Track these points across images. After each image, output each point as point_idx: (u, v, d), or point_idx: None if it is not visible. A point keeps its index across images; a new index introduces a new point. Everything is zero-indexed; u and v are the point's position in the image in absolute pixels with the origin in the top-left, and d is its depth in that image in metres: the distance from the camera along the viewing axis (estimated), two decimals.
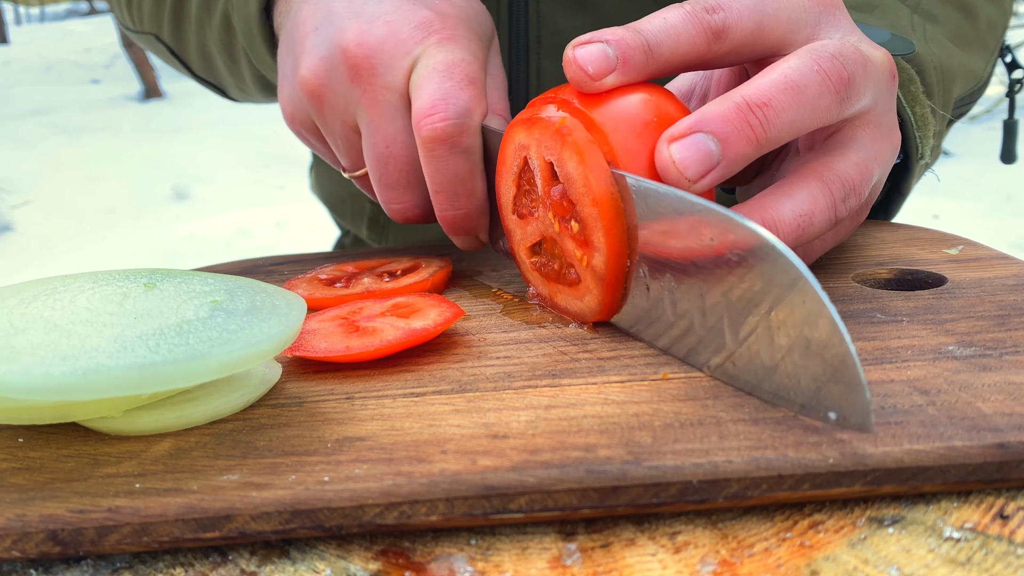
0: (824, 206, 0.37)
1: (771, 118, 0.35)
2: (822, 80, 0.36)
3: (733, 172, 0.35)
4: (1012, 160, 0.70)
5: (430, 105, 0.43)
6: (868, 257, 0.48)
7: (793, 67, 0.36)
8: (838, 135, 0.39)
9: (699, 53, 0.38)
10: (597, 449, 0.29)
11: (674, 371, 0.35)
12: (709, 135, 0.34)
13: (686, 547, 0.27)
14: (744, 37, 0.38)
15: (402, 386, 0.35)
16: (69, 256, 3.17)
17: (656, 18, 0.38)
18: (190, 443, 0.31)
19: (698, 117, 0.35)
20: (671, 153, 0.34)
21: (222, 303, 0.34)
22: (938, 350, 0.35)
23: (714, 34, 0.38)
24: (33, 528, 0.27)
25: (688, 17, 0.37)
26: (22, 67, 7.72)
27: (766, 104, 0.35)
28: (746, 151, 0.35)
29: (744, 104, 0.35)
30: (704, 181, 0.35)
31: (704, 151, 0.34)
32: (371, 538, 0.29)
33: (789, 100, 0.35)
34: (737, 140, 0.34)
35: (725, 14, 0.38)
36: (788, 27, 0.39)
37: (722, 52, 0.38)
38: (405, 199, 0.47)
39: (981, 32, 0.59)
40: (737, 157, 0.35)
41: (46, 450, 0.32)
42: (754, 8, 0.38)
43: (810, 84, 0.36)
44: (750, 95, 0.35)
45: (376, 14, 0.45)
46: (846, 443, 0.28)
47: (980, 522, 0.27)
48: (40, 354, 0.29)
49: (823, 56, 0.36)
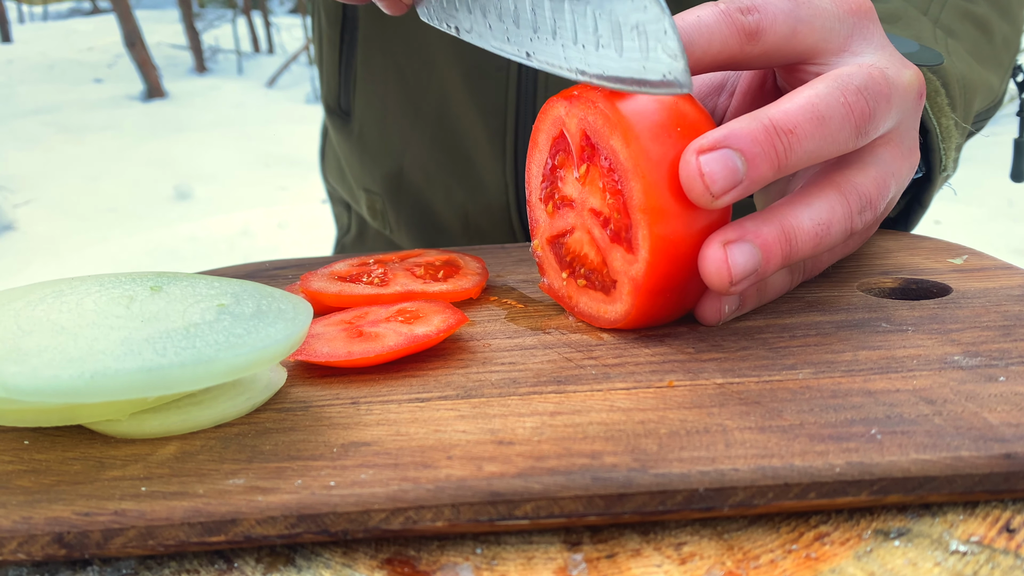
0: (841, 216, 0.37)
1: (794, 145, 0.35)
2: (845, 113, 0.36)
3: (751, 192, 0.35)
4: (1023, 179, 0.70)
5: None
6: (873, 266, 0.48)
7: (820, 95, 0.36)
8: (859, 150, 0.39)
9: (731, 54, 0.38)
10: (603, 456, 0.29)
11: (679, 379, 0.35)
12: (737, 152, 0.34)
13: (692, 558, 0.27)
14: (777, 41, 0.38)
15: (407, 391, 0.35)
16: (71, 255, 3.17)
17: (690, 15, 0.37)
18: (196, 447, 0.31)
19: (727, 132, 0.34)
20: (699, 164, 0.34)
21: (228, 307, 0.34)
22: (944, 360, 0.35)
23: (748, 35, 0.37)
24: (39, 530, 0.27)
25: (722, 17, 0.37)
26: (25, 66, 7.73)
27: (791, 131, 0.35)
28: (767, 174, 0.35)
29: (772, 127, 0.35)
30: (726, 197, 0.34)
31: (731, 167, 0.34)
32: (376, 546, 0.29)
33: (813, 130, 0.35)
34: (761, 162, 0.34)
35: (760, 16, 0.37)
36: (821, 35, 0.39)
37: (754, 54, 0.38)
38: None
39: (997, 49, 0.59)
40: (759, 178, 0.35)
41: (52, 452, 0.32)
42: (789, 13, 0.38)
43: (833, 116, 0.36)
44: (778, 119, 0.35)
45: None
46: (853, 452, 0.28)
47: (986, 535, 0.27)
48: (47, 357, 0.29)
49: (849, 88, 0.36)
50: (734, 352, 0.37)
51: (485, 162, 0.72)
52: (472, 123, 0.71)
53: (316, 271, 0.48)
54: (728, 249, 0.35)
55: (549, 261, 0.44)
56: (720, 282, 0.35)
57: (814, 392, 0.33)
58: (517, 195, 0.71)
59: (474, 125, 0.71)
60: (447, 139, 0.72)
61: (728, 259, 0.35)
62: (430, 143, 0.73)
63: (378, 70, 0.75)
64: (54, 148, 4.69)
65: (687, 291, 0.39)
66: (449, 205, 0.75)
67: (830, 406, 0.31)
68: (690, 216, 0.36)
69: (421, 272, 0.47)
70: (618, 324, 0.39)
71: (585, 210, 0.40)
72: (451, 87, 0.71)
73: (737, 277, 0.35)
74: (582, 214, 0.40)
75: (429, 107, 0.72)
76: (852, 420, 0.30)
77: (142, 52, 6.06)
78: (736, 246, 0.35)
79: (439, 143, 0.73)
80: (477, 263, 0.50)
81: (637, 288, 0.37)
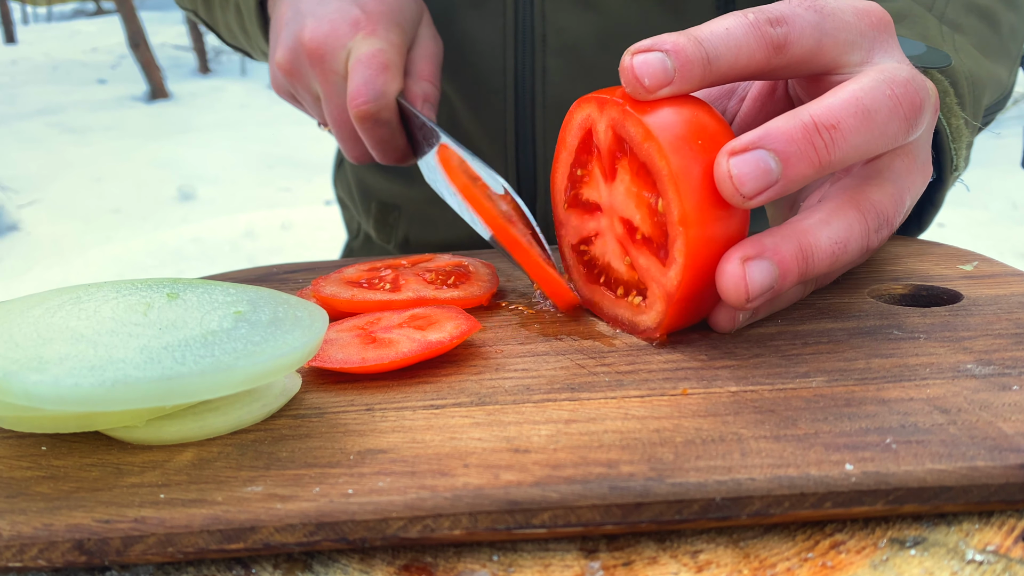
0: (859, 235, 0.37)
1: (837, 141, 0.34)
2: (893, 105, 0.35)
3: (790, 191, 0.35)
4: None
5: (354, 91, 0.56)
6: (883, 272, 0.48)
7: (865, 89, 0.35)
8: (875, 163, 0.39)
9: (757, 66, 0.37)
10: (619, 465, 0.29)
11: (693, 386, 0.35)
12: (771, 152, 0.34)
13: (708, 566, 0.27)
14: (803, 54, 0.38)
15: (421, 398, 0.35)
16: (75, 256, 3.17)
17: (718, 26, 0.37)
18: (212, 453, 0.32)
19: (762, 133, 0.34)
20: (729, 167, 0.34)
21: (245, 314, 0.34)
22: (957, 368, 0.35)
23: (775, 48, 0.37)
24: (59, 537, 0.28)
25: (751, 29, 0.37)
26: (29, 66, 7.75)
27: (834, 127, 0.34)
28: (807, 172, 0.34)
29: (812, 124, 0.34)
30: (760, 198, 0.34)
31: (763, 168, 0.34)
32: (393, 552, 0.29)
33: (859, 124, 0.35)
34: (799, 161, 0.34)
35: (788, 28, 0.37)
36: (844, 48, 0.38)
37: (779, 66, 0.38)
38: (356, 149, 0.62)
39: (1004, 40, 0.59)
40: (797, 178, 0.34)
41: (69, 459, 0.32)
42: (816, 26, 0.37)
43: (881, 109, 0.35)
44: (819, 115, 0.34)
45: (324, 14, 0.58)
46: (868, 461, 0.28)
47: (1002, 544, 0.27)
48: (68, 365, 0.29)
49: (896, 81, 0.36)
50: (747, 360, 0.37)
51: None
52: (476, 135, 0.73)
53: (328, 276, 0.48)
54: (747, 266, 0.35)
55: (574, 265, 0.44)
56: (737, 298, 0.35)
57: (828, 401, 0.33)
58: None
59: (479, 138, 0.73)
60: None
61: (746, 276, 0.35)
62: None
63: None
64: (58, 149, 4.69)
65: (707, 298, 0.39)
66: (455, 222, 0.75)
67: (844, 415, 0.32)
68: (717, 226, 0.36)
69: (432, 278, 0.48)
70: (650, 334, 0.40)
71: (615, 217, 0.40)
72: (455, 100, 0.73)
73: (754, 294, 0.35)
74: (611, 220, 0.41)
75: (440, 119, 0.74)
76: (867, 429, 0.30)
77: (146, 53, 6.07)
78: (755, 263, 0.35)
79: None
80: (487, 269, 0.50)
81: (670, 297, 0.38)
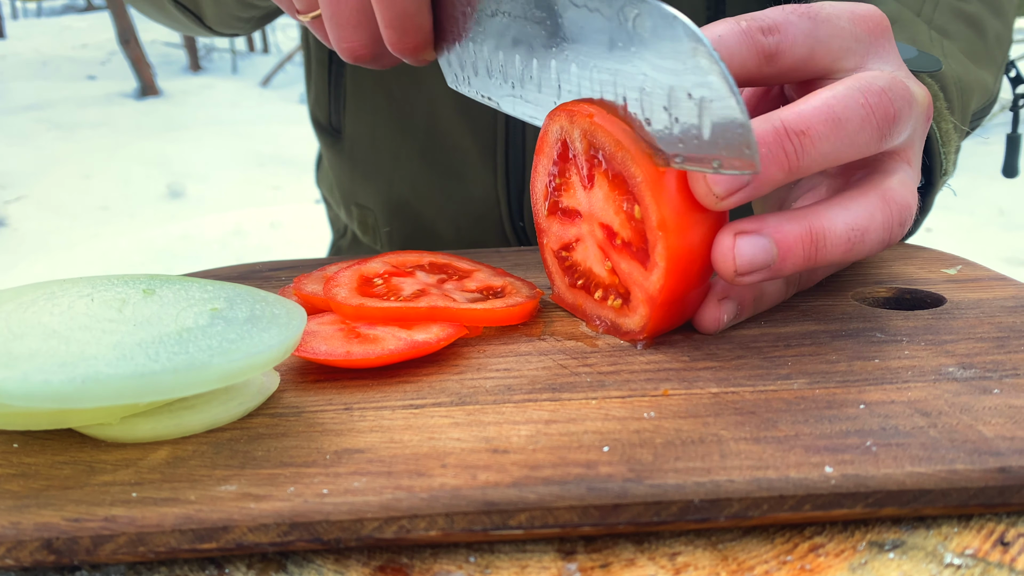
0: (880, 224, 0.36)
1: (807, 147, 0.34)
2: (865, 115, 0.35)
3: (761, 195, 0.35)
4: (1015, 174, 0.70)
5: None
6: (867, 275, 0.48)
7: (838, 97, 0.35)
8: (883, 163, 0.39)
9: (748, 74, 0.37)
10: (598, 466, 0.29)
11: (674, 387, 0.35)
12: None
13: (686, 568, 0.27)
14: (795, 62, 0.37)
15: (401, 397, 0.35)
16: (62, 253, 3.15)
17: (709, 34, 0.37)
18: (187, 452, 0.31)
19: None
20: None
21: (222, 311, 0.34)
22: (938, 371, 0.35)
23: (767, 57, 0.37)
24: (28, 536, 0.27)
25: (742, 37, 0.37)
26: (18, 62, 7.70)
27: (804, 133, 0.34)
28: (777, 176, 0.34)
29: (782, 129, 0.34)
30: (732, 199, 0.34)
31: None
32: (369, 554, 0.29)
33: (828, 131, 0.35)
34: (770, 164, 0.34)
35: (780, 37, 0.37)
36: (837, 55, 0.38)
37: (771, 73, 0.38)
38: (355, 38, 0.46)
39: (990, 47, 0.59)
40: (767, 181, 0.34)
41: (41, 456, 0.31)
42: (809, 34, 0.37)
43: (852, 118, 0.35)
44: (789, 121, 0.34)
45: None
46: (848, 464, 0.28)
47: (981, 548, 0.27)
48: (38, 361, 0.29)
49: (871, 90, 0.36)
50: (729, 361, 0.37)
51: (475, 176, 0.72)
52: (461, 137, 0.71)
53: (311, 274, 0.48)
54: (739, 239, 0.35)
55: (556, 271, 0.44)
56: (726, 270, 0.35)
57: (809, 403, 0.33)
58: (509, 207, 0.71)
59: (463, 139, 0.71)
60: (437, 154, 0.73)
61: (735, 248, 0.35)
62: (419, 158, 0.74)
63: (367, 88, 0.75)
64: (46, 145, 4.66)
65: (690, 300, 0.39)
66: (440, 219, 0.75)
67: (825, 417, 0.31)
68: (698, 228, 0.36)
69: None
70: (634, 336, 0.39)
71: (595, 223, 0.40)
72: (439, 103, 0.71)
73: (743, 267, 0.35)
74: (592, 226, 0.40)
75: (418, 123, 0.73)
76: (847, 432, 0.30)
77: (136, 50, 6.03)
78: (749, 238, 0.35)
79: (429, 158, 0.73)
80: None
81: (652, 301, 0.37)
